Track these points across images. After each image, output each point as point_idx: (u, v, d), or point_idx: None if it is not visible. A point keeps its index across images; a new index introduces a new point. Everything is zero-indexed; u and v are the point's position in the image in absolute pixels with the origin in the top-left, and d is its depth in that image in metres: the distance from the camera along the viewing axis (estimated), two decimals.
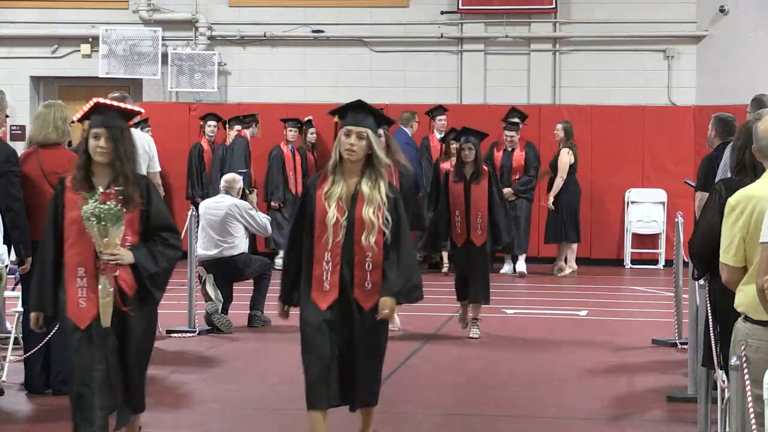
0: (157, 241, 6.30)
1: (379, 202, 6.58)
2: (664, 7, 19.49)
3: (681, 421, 8.45)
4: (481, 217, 11.78)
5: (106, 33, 19.83)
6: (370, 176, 6.62)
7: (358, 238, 6.59)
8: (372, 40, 19.94)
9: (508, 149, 17.40)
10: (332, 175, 6.67)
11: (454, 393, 9.58)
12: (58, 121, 9.15)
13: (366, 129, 6.62)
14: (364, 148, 6.62)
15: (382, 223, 6.59)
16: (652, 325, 12.72)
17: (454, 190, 11.87)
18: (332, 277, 6.63)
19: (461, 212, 11.83)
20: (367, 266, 6.62)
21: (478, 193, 11.79)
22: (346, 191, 6.63)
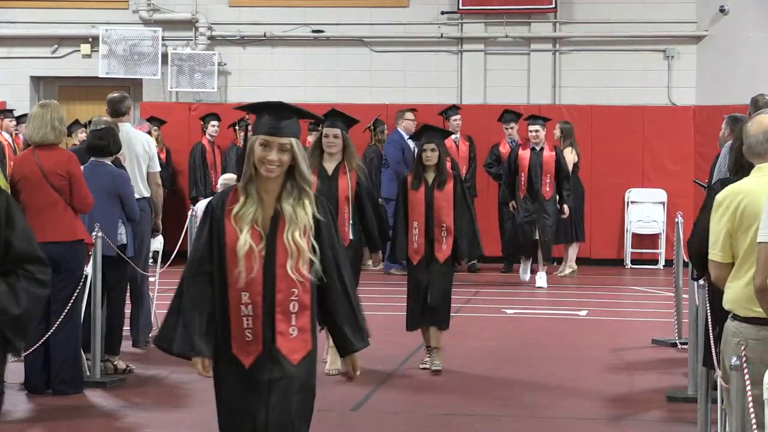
0: (20, 276, 4.69)
1: (306, 223, 5.10)
2: (664, 7, 19.48)
3: (681, 421, 8.46)
4: (445, 230, 10.17)
5: (106, 33, 19.82)
6: (292, 191, 5.13)
7: (280, 272, 5.09)
8: (372, 40, 19.93)
9: (536, 148, 15.96)
10: (244, 192, 5.14)
11: (454, 393, 9.58)
12: (55, 121, 9.15)
13: (290, 139, 5.12)
14: (285, 162, 5.11)
15: (309, 251, 5.08)
16: (652, 325, 12.73)
17: (413, 198, 10.23)
18: (254, 324, 5.09)
19: (420, 224, 10.19)
20: (293, 307, 5.07)
21: (441, 201, 10.16)
22: (262, 212, 5.13)
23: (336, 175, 9.91)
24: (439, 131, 10.65)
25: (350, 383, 8.88)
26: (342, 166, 9.93)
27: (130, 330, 10.95)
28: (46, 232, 9.00)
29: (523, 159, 15.93)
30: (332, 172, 9.93)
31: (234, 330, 5.12)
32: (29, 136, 9.32)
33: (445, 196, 10.17)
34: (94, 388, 9.36)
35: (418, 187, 10.22)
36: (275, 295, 5.09)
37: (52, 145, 9.16)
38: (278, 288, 5.09)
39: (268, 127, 5.12)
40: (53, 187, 9.08)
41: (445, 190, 10.18)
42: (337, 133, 9.93)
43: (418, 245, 10.26)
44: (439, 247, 10.22)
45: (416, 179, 10.26)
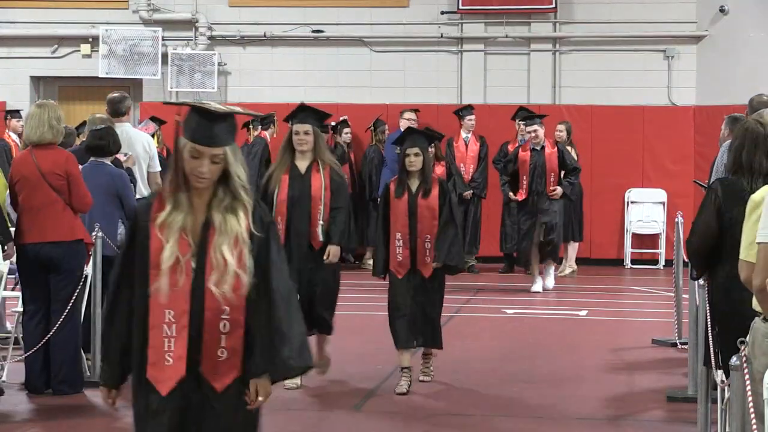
0: None
1: (237, 233, 4.49)
2: (664, 7, 19.48)
3: (681, 421, 8.46)
4: (429, 241, 9.38)
5: (106, 33, 19.82)
6: (224, 198, 4.53)
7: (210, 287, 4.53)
8: (372, 40, 19.93)
9: (536, 148, 15.46)
10: (172, 198, 4.57)
11: (454, 393, 9.58)
12: (53, 120, 9.14)
13: (224, 149, 4.54)
14: (218, 172, 4.54)
15: (240, 265, 4.47)
16: (652, 325, 12.73)
17: (396, 207, 9.44)
18: (177, 345, 4.49)
19: (403, 235, 9.39)
20: (222, 327, 4.47)
21: (425, 210, 9.39)
22: (192, 219, 4.55)
23: (309, 173, 9.42)
24: (424, 135, 9.78)
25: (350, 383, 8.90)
26: (315, 164, 9.43)
27: None
28: (45, 232, 9.01)
29: (524, 160, 15.42)
30: (305, 171, 9.43)
31: (152, 352, 4.50)
32: (27, 135, 9.32)
33: (429, 205, 9.38)
34: (94, 388, 9.34)
35: (402, 194, 9.43)
36: (203, 314, 4.49)
37: (50, 145, 9.15)
38: (207, 305, 4.49)
39: (200, 136, 4.55)
40: (52, 187, 9.07)
41: (429, 199, 9.39)
42: (308, 129, 9.43)
43: (402, 258, 9.39)
44: (423, 260, 9.39)
45: (399, 186, 9.47)
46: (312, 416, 8.77)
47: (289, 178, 9.36)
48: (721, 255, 6.45)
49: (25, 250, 9.08)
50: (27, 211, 9.10)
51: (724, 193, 6.48)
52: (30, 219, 9.07)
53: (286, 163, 9.43)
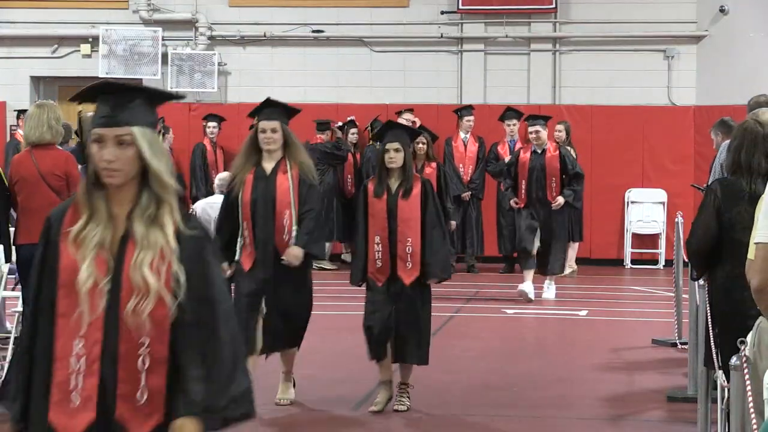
0: None
1: (162, 247, 3.66)
2: (664, 7, 19.48)
3: (681, 421, 8.46)
4: (411, 245, 8.58)
5: (106, 33, 19.82)
6: (148, 205, 3.71)
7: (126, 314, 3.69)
8: (372, 40, 19.93)
9: (537, 150, 14.62)
10: (87, 207, 3.74)
11: (454, 393, 9.58)
12: (52, 120, 9.14)
13: (130, 129, 3.72)
14: (130, 161, 3.70)
15: (165, 286, 3.64)
16: (652, 325, 12.73)
17: (375, 208, 8.66)
18: (86, 383, 3.67)
19: (383, 238, 8.60)
20: (141, 363, 3.65)
21: (406, 211, 8.59)
22: (112, 232, 3.72)
23: (274, 175, 8.56)
24: (405, 130, 9.04)
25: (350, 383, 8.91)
26: (282, 164, 8.58)
27: None
28: None
29: (524, 163, 14.61)
30: (270, 172, 8.57)
31: (56, 391, 3.69)
32: (26, 136, 9.33)
33: (410, 206, 8.59)
34: None
35: (381, 194, 8.64)
36: (118, 346, 3.66)
37: (49, 145, 9.15)
38: (122, 336, 3.65)
39: (100, 116, 3.73)
40: (51, 188, 9.07)
41: (411, 199, 8.59)
42: (276, 126, 8.56)
43: (382, 264, 8.60)
44: (404, 266, 8.58)
45: (378, 185, 8.67)
46: (312, 416, 8.76)
47: (253, 180, 8.57)
48: (720, 255, 6.45)
49: (25, 250, 9.08)
50: (26, 211, 9.10)
51: (723, 194, 6.48)
52: (29, 219, 9.07)
53: (251, 163, 8.62)
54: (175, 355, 3.68)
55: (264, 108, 8.69)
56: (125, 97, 3.74)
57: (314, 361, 10.59)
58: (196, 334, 3.68)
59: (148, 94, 3.79)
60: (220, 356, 3.69)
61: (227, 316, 3.75)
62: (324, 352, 10.93)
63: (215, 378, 3.68)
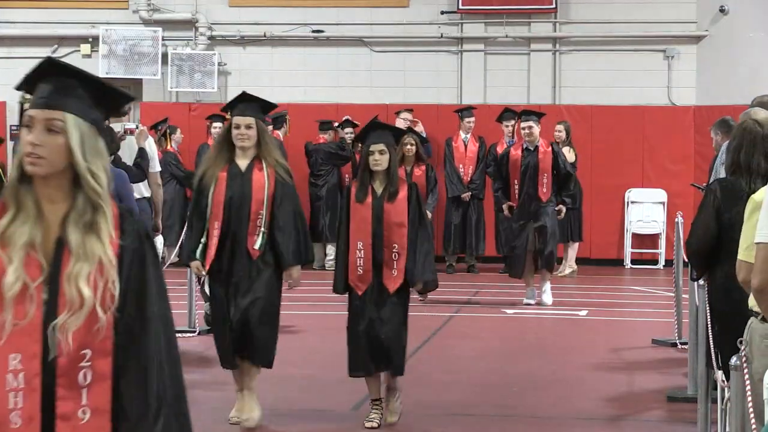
0: None
1: (101, 258, 3.27)
2: (664, 7, 19.49)
3: (681, 421, 8.46)
4: (397, 251, 8.12)
5: (106, 33, 19.83)
6: (84, 211, 3.29)
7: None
8: (372, 40, 19.94)
9: (530, 147, 14.12)
10: (13, 202, 3.33)
11: (454, 393, 9.58)
12: None
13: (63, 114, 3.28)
14: (57, 151, 3.26)
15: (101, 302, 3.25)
16: (652, 325, 12.73)
17: (358, 213, 8.20)
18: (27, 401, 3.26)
19: (366, 244, 8.14)
20: (83, 378, 3.26)
21: (392, 215, 8.14)
22: (42, 232, 3.31)
23: (250, 172, 8.09)
24: (390, 130, 8.52)
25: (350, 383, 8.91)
26: (258, 162, 8.10)
27: None
28: None
29: (515, 161, 14.11)
30: (246, 169, 8.11)
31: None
32: None
33: (396, 210, 8.13)
34: None
35: (364, 198, 8.16)
36: (56, 362, 3.26)
37: None
38: (60, 351, 3.26)
39: (37, 98, 3.32)
40: None
41: (396, 202, 8.14)
42: (250, 122, 8.12)
43: (363, 271, 8.14)
44: (389, 273, 8.13)
45: (362, 189, 8.20)
46: (312, 416, 8.76)
47: (227, 177, 8.09)
48: (720, 255, 6.44)
49: None
50: None
51: (723, 194, 6.48)
52: None
53: (223, 160, 8.15)
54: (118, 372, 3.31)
55: (238, 103, 8.36)
56: (66, 81, 3.32)
57: (314, 361, 10.60)
58: (135, 352, 3.32)
59: (95, 87, 3.35)
60: (144, 389, 3.30)
61: (159, 342, 3.35)
62: (324, 352, 10.94)
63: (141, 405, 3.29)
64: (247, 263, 8.00)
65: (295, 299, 11.39)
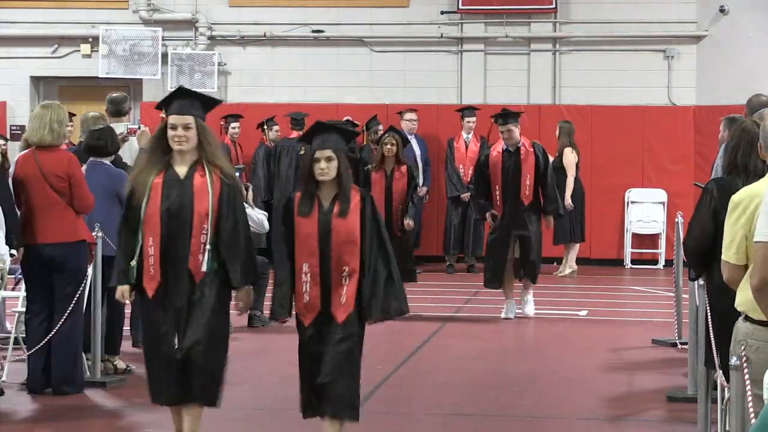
0: None
1: None
2: (664, 7, 19.49)
3: (681, 421, 8.46)
4: (347, 274, 6.89)
5: (106, 33, 19.83)
6: None
7: None
8: (372, 40, 19.94)
9: (510, 149, 13.15)
10: None
11: (454, 393, 9.58)
12: (54, 123, 9.13)
13: None
14: None
15: None
16: (652, 325, 12.73)
17: (302, 229, 6.94)
18: None
19: (312, 266, 6.90)
20: None
21: (343, 233, 6.89)
22: None
23: (190, 179, 7.01)
24: (339, 132, 7.16)
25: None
26: (199, 167, 7.03)
27: (130, 330, 10.95)
28: (47, 234, 9.01)
29: (496, 163, 13.15)
30: (185, 176, 7.03)
31: None
32: (28, 136, 9.34)
33: (348, 226, 6.89)
34: (94, 388, 9.36)
35: (309, 212, 6.93)
36: None
37: (51, 147, 9.15)
38: None
39: None
40: (53, 189, 9.07)
41: (348, 217, 6.90)
42: (189, 122, 7.03)
43: (310, 298, 6.92)
44: (338, 300, 6.92)
45: (306, 201, 6.95)
46: None
47: (163, 185, 6.98)
48: (717, 255, 6.43)
49: (28, 250, 9.08)
50: (29, 211, 9.11)
51: (720, 194, 6.48)
52: (32, 219, 9.08)
53: (158, 165, 7.05)
54: None
55: (174, 99, 7.22)
56: None
57: None
58: None
59: None
60: None
61: None
62: None
63: None
64: (188, 287, 6.94)
65: None
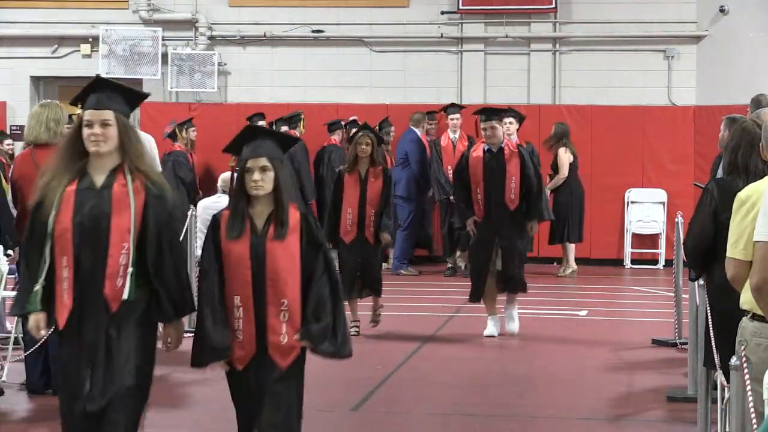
0: None
1: None
2: (664, 7, 19.49)
3: (681, 421, 8.46)
4: (287, 308, 5.82)
5: (106, 33, 19.82)
6: None
7: None
8: (372, 40, 19.93)
9: (492, 149, 11.95)
10: None
11: (454, 393, 9.58)
12: (51, 122, 9.13)
13: None
14: None
15: None
16: (652, 325, 12.72)
17: (232, 255, 5.85)
18: None
19: (244, 298, 5.84)
20: None
21: (280, 258, 5.83)
22: None
23: (108, 188, 5.73)
24: (275, 138, 6.05)
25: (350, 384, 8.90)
26: (119, 174, 5.75)
27: None
28: None
29: (476, 164, 11.93)
30: (103, 184, 5.75)
31: None
32: (25, 135, 9.35)
33: (286, 250, 5.82)
34: None
35: (240, 235, 5.83)
36: None
37: (48, 145, 9.15)
38: None
39: None
40: None
41: (287, 240, 5.82)
42: (108, 118, 5.73)
43: (244, 336, 5.86)
44: (276, 341, 5.88)
45: (236, 221, 5.85)
46: (312, 416, 8.76)
47: (76, 195, 5.71)
48: (717, 255, 6.43)
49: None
50: (25, 210, 9.10)
51: (720, 194, 6.48)
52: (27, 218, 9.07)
53: (71, 171, 5.77)
54: None
55: (91, 92, 5.85)
56: None
57: (314, 360, 10.58)
58: None
59: None
60: None
61: None
62: None
63: None
64: (105, 319, 5.69)
65: None
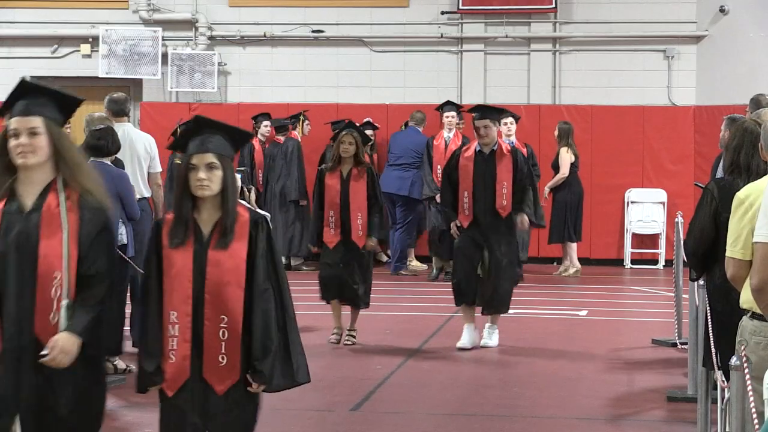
0: None
1: None
2: (664, 7, 19.49)
3: (681, 421, 8.46)
4: (227, 326, 5.15)
5: (106, 33, 19.83)
6: None
7: None
8: (372, 40, 19.94)
9: (484, 150, 11.31)
10: None
11: (454, 393, 9.58)
12: None
13: None
14: None
15: None
16: (652, 325, 12.73)
17: (174, 265, 5.21)
18: None
19: (182, 315, 5.19)
20: None
21: (224, 269, 5.19)
22: None
23: (39, 206, 4.99)
24: (225, 132, 5.32)
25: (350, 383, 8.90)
26: (52, 192, 5.01)
27: (130, 330, 10.94)
28: None
29: (466, 166, 11.32)
30: (35, 201, 5.01)
31: None
32: None
33: (230, 261, 5.19)
34: None
35: (183, 241, 5.19)
36: None
37: None
38: None
39: None
40: None
41: (232, 248, 5.18)
42: (36, 126, 4.97)
43: (177, 358, 5.22)
44: (214, 363, 5.20)
45: (179, 227, 5.21)
46: (312, 416, 8.77)
47: (2, 218, 5.00)
48: (718, 256, 6.43)
49: None
50: None
51: (720, 194, 6.47)
52: None
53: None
54: None
55: (18, 98, 5.05)
56: None
57: (314, 361, 10.59)
58: None
59: None
60: None
61: None
62: (324, 352, 10.94)
63: None
64: (35, 357, 4.93)
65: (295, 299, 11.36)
